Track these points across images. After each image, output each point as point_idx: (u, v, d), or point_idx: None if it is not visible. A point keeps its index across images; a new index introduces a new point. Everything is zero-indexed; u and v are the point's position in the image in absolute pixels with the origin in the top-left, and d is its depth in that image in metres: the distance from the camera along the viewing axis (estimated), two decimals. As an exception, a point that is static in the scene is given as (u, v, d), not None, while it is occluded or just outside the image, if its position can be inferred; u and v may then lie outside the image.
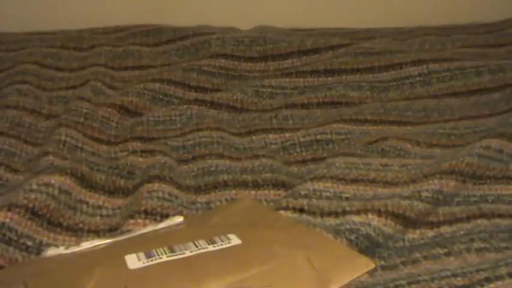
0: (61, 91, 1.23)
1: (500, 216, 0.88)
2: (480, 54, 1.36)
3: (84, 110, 1.13)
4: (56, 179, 0.88)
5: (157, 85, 1.22)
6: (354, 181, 0.93)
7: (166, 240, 0.74)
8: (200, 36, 1.39)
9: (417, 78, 1.25)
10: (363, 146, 1.05)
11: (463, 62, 1.27)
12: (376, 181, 0.93)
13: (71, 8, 1.57)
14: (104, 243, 0.77)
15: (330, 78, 1.25)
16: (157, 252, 0.70)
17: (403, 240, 0.84)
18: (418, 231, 0.85)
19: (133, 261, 0.69)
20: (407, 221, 0.84)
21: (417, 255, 0.81)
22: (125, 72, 1.32)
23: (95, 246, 0.77)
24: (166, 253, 0.70)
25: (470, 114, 1.16)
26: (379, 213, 0.83)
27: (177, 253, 0.70)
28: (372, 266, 0.72)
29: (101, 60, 1.33)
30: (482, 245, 0.82)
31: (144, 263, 0.69)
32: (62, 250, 0.77)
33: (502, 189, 0.93)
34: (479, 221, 0.87)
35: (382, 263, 0.79)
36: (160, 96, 1.21)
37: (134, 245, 0.74)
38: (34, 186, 0.86)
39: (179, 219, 0.82)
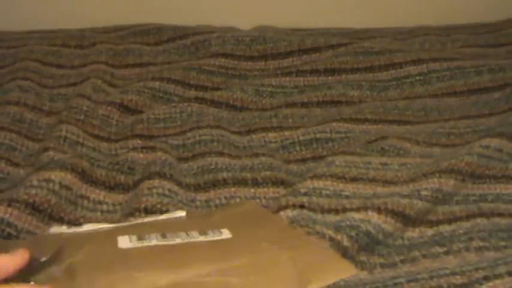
0: (62, 88, 1.23)
1: (500, 215, 0.88)
2: (480, 54, 1.36)
3: (85, 108, 1.13)
4: (56, 175, 0.88)
5: (157, 83, 1.22)
6: (354, 180, 0.93)
7: (162, 228, 0.75)
8: (200, 35, 1.39)
9: (417, 78, 1.25)
10: (362, 144, 1.06)
11: (463, 62, 1.27)
12: (376, 180, 0.94)
13: (72, 7, 1.57)
14: (105, 227, 0.79)
15: (329, 77, 1.26)
16: (149, 236, 0.71)
17: (402, 238, 0.84)
18: (417, 230, 0.85)
19: (125, 241, 0.71)
20: (407, 219, 0.85)
21: (416, 253, 0.81)
22: (125, 70, 1.32)
23: (95, 229, 0.78)
24: (157, 238, 0.71)
25: (470, 114, 1.16)
26: (378, 210, 0.83)
27: (167, 239, 0.71)
28: (353, 271, 0.73)
29: (101, 58, 1.33)
30: (481, 244, 0.82)
31: (134, 244, 0.70)
32: (64, 229, 0.79)
33: (502, 188, 0.93)
34: (478, 220, 0.87)
35: (382, 260, 0.80)
36: (160, 95, 1.21)
37: (130, 229, 0.75)
38: (35, 182, 0.86)
39: (181, 213, 0.82)
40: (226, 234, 0.73)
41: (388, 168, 0.97)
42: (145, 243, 0.70)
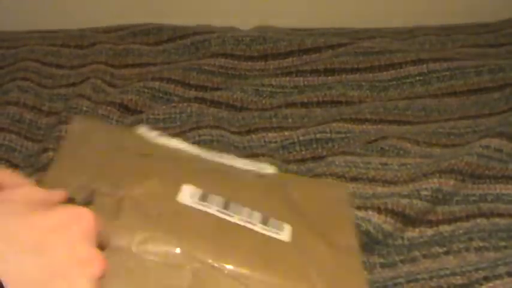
0: (61, 88, 1.23)
1: (500, 215, 0.88)
2: (480, 54, 1.36)
3: (84, 108, 1.13)
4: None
5: (157, 83, 1.22)
6: (354, 179, 0.94)
7: (233, 191, 0.72)
8: (200, 35, 1.39)
9: (417, 78, 1.25)
10: (362, 145, 1.06)
11: (463, 62, 1.27)
12: (376, 180, 0.94)
13: (72, 7, 1.57)
14: (189, 151, 0.78)
15: (329, 77, 1.25)
16: (212, 200, 0.69)
17: (402, 238, 0.84)
18: (417, 230, 0.85)
19: (186, 195, 0.68)
20: (407, 219, 0.85)
21: (416, 253, 0.81)
22: (125, 70, 1.32)
23: (181, 147, 0.78)
24: (218, 206, 0.68)
25: (470, 114, 1.16)
26: (378, 210, 0.83)
27: (227, 212, 0.68)
28: None
29: (101, 58, 1.33)
30: (481, 244, 0.82)
31: (192, 202, 0.68)
32: (152, 134, 0.79)
33: (502, 188, 0.93)
34: (478, 220, 0.87)
35: (381, 260, 0.80)
36: (160, 95, 1.21)
37: (204, 175, 0.72)
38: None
39: (272, 170, 0.80)
40: (285, 235, 0.69)
41: (388, 168, 0.97)
42: (203, 207, 0.67)
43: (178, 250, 0.63)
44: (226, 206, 0.69)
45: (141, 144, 0.78)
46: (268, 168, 0.80)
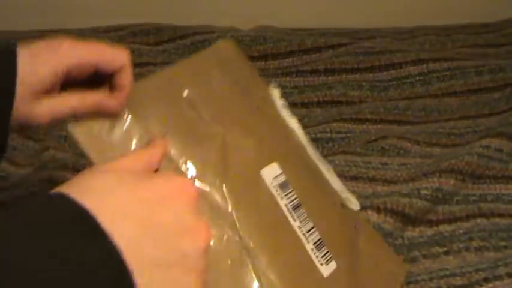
0: (61, 88, 1.23)
1: (500, 215, 0.88)
2: (480, 54, 1.36)
3: (84, 108, 1.13)
4: (57, 175, 0.88)
5: (157, 83, 1.22)
6: (353, 178, 0.94)
7: (313, 197, 0.68)
8: (200, 35, 1.39)
9: (417, 78, 1.25)
10: (362, 144, 1.06)
11: (463, 62, 1.27)
12: (376, 179, 0.94)
13: (72, 7, 1.57)
14: (299, 136, 0.75)
15: (330, 77, 1.25)
16: (288, 193, 0.65)
17: (402, 238, 0.84)
18: (417, 229, 0.85)
19: (270, 172, 0.65)
20: (407, 219, 0.85)
21: (416, 253, 0.81)
22: (125, 70, 1.32)
23: (295, 128, 0.75)
24: (290, 202, 0.65)
25: (470, 114, 1.16)
26: (378, 210, 0.83)
27: (293, 214, 0.65)
28: None
29: (101, 58, 1.33)
30: (481, 244, 0.82)
31: (270, 183, 0.64)
32: (279, 102, 0.75)
33: (502, 188, 0.93)
34: (478, 220, 0.87)
35: (381, 260, 0.79)
36: (161, 95, 1.20)
37: (299, 167, 0.70)
38: (36, 184, 0.86)
39: (356, 206, 0.76)
40: (326, 269, 0.65)
41: (388, 168, 0.97)
42: (275, 194, 0.64)
43: (228, 209, 0.60)
44: (295, 208, 0.65)
45: (265, 101, 0.74)
46: (353, 203, 0.76)
